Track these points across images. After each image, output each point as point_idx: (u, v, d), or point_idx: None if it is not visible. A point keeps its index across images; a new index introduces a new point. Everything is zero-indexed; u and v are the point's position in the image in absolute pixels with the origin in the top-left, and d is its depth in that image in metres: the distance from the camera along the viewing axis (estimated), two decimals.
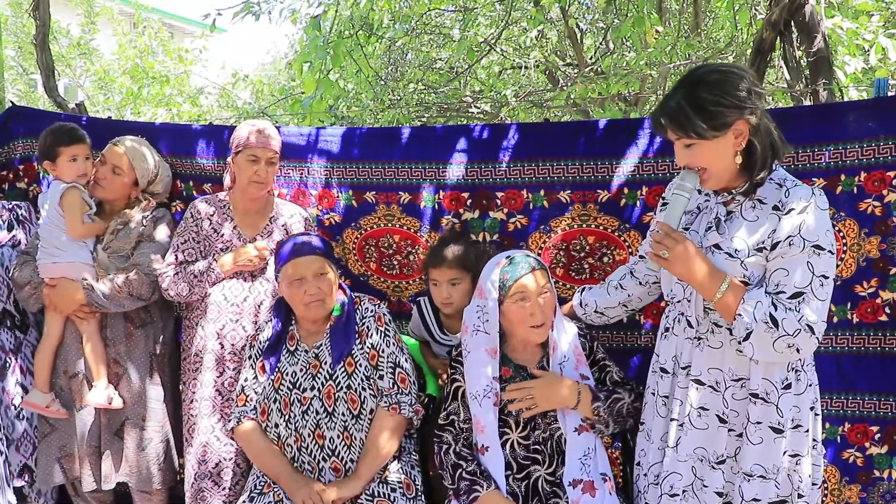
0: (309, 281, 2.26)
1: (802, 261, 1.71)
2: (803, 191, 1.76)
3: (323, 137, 2.81)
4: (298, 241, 2.33)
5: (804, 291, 1.70)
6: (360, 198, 2.81)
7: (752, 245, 1.78)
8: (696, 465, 1.92)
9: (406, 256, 2.82)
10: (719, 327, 1.87)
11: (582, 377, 2.19)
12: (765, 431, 1.83)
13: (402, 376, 2.32)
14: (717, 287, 1.75)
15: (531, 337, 2.15)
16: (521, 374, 2.20)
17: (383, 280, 2.89)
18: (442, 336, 2.63)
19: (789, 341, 1.70)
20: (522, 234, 2.70)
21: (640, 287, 2.30)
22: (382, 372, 2.30)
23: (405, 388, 2.30)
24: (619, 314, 2.38)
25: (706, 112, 1.71)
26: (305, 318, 2.34)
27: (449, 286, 2.49)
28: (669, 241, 1.77)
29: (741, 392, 1.86)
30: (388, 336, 2.34)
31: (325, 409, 2.26)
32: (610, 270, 2.65)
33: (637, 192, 2.58)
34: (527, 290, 2.09)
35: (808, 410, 1.86)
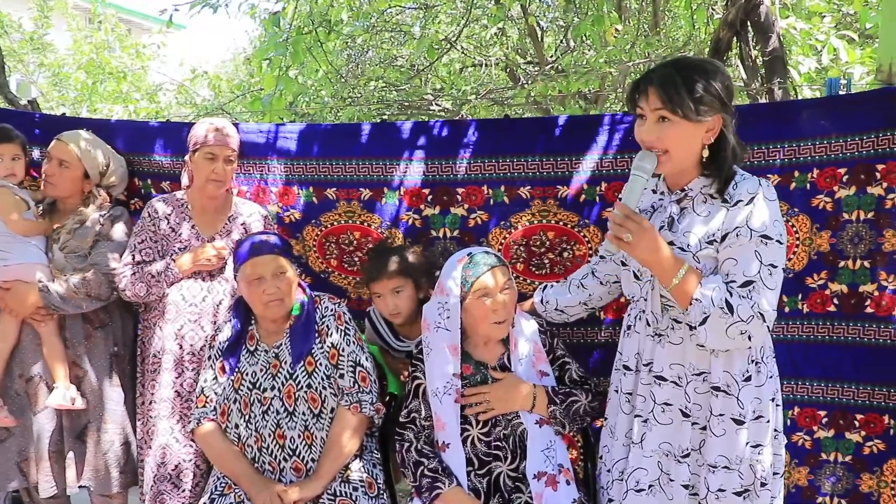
0: (268, 280, 2.24)
1: (751, 250, 1.72)
2: (750, 183, 1.78)
3: (283, 134, 2.78)
4: (256, 240, 2.31)
5: (754, 280, 1.71)
6: (320, 195, 2.78)
7: (703, 238, 1.79)
8: (662, 459, 1.93)
9: (366, 254, 2.79)
10: (679, 323, 1.88)
11: (541, 374, 2.20)
12: (727, 423, 1.84)
13: (362, 375, 2.30)
14: (676, 272, 1.75)
15: (493, 333, 2.15)
16: (481, 371, 2.20)
17: (344, 277, 2.86)
18: (398, 343, 2.63)
19: (742, 328, 1.70)
20: (483, 230, 2.69)
21: (601, 286, 2.30)
22: (343, 371, 2.29)
23: (365, 386, 2.29)
24: (579, 313, 2.39)
25: (695, 93, 1.71)
26: (264, 317, 2.31)
27: (393, 296, 2.49)
28: (632, 224, 1.73)
29: (703, 386, 1.87)
30: (348, 335, 2.33)
31: (286, 408, 2.25)
32: (570, 265, 2.67)
33: (596, 188, 2.59)
34: (489, 287, 2.09)
35: (769, 402, 1.87)
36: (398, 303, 2.48)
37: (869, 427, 2.50)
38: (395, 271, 2.47)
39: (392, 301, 2.48)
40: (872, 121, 2.30)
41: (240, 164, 2.76)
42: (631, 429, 1.99)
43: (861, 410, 2.50)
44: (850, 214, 2.40)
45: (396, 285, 2.48)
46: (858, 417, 2.51)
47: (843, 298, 2.47)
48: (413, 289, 2.51)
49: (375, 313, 2.65)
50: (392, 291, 2.48)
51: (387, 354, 2.67)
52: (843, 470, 2.55)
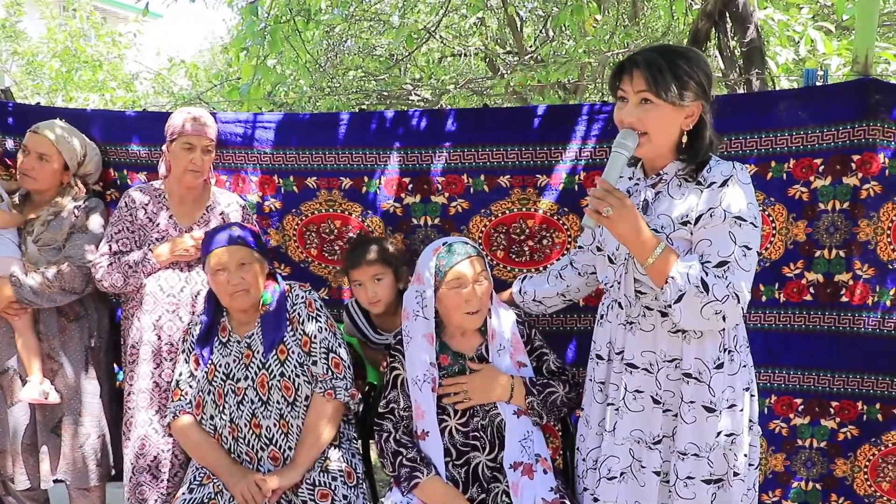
0: (231, 271, 2.24)
1: (724, 231, 1.72)
2: (724, 166, 1.78)
3: (261, 124, 2.75)
4: (220, 231, 2.30)
5: (728, 261, 1.70)
6: (300, 184, 2.76)
7: (676, 220, 1.78)
8: (634, 447, 1.92)
9: (347, 242, 2.78)
10: (650, 311, 1.88)
11: (519, 364, 2.20)
12: (698, 411, 1.84)
13: (335, 361, 2.30)
14: (653, 249, 1.73)
15: (466, 323, 2.15)
16: (459, 362, 2.20)
17: (324, 266, 2.85)
18: (376, 336, 2.63)
19: (717, 307, 1.69)
20: (463, 218, 2.70)
21: (579, 277, 2.30)
22: (315, 358, 2.28)
23: (339, 372, 2.29)
24: (556, 304, 2.38)
25: (680, 78, 1.71)
26: (231, 308, 2.31)
27: (373, 283, 2.48)
28: (613, 199, 1.71)
29: (675, 373, 1.87)
30: (320, 321, 2.31)
31: (260, 398, 2.24)
32: (549, 253, 2.67)
33: (575, 176, 2.59)
34: (463, 277, 2.09)
35: (742, 391, 1.87)
36: (378, 290, 2.47)
37: (843, 413, 2.53)
38: (375, 259, 2.47)
39: (372, 289, 2.47)
40: (848, 111, 2.31)
41: (218, 154, 2.73)
42: (604, 418, 1.99)
43: (836, 398, 2.53)
44: (826, 204, 2.41)
45: (376, 273, 2.47)
46: (833, 405, 2.54)
47: (819, 288, 2.48)
48: (393, 277, 2.50)
49: (353, 306, 2.64)
50: (372, 279, 2.47)
51: (365, 346, 2.67)
52: (818, 455, 2.58)
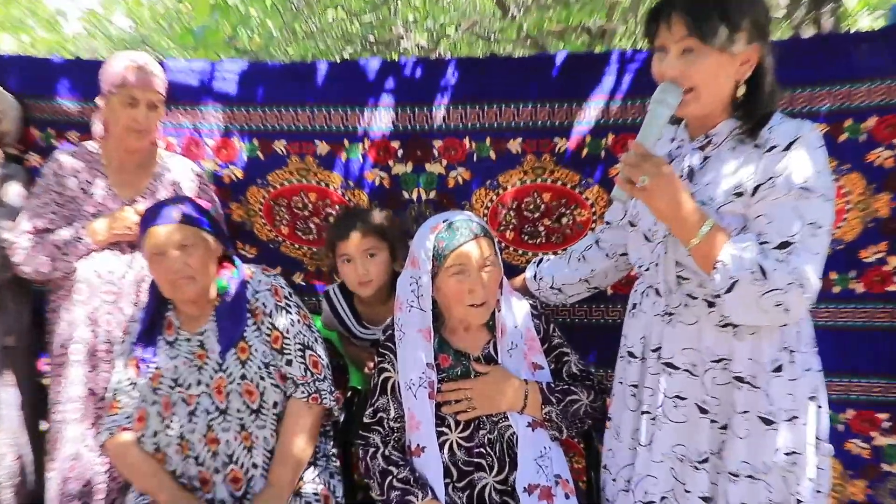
0: (171, 254, 2.21)
1: (788, 206, 1.68)
2: (790, 125, 1.74)
3: (220, 74, 2.75)
4: (158, 206, 2.27)
5: (792, 241, 1.66)
6: (267, 148, 2.78)
7: (728, 190, 1.76)
8: (675, 465, 1.90)
9: (325, 219, 2.81)
10: (694, 299, 1.87)
11: (535, 367, 2.20)
12: (752, 423, 1.81)
13: (313, 359, 2.31)
14: (699, 227, 1.70)
15: (470, 317, 2.14)
16: (461, 362, 2.19)
17: (297, 247, 2.88)
18: (361, 329, 2.65)
19: (779, 298, 1.64)
20: (465, 192, 2.71)
21: (607, 260, 2.31)
22: (290, 356, 2.28)
23: (318, 372, 2.30)
24: (579, 292, 2.38)
25: (729, 18, 1.67)
26: (175, 299, 2.30)
27: (365, 259, 2.50)
28: (649, 165, 1.69)
29: (723, 375, 1.85)
30: (290, 312, 2.31)
31: (217, 406, 2.23)
32: (570, 234, 2.70)
33: (602, 140, 2.58)
34: (466, 261, 2.08)
35: (806, 400, 1.83)
36: (370, 268, 2.50)
37: None
38: (369, 230, 2.50)
39: (363, 265, 2.50)
40: None
41: (167, 111, 2.73)
42: (638, 429, 1.97)
43: None
44: None
45: (370, 247, 2.50)
46: None
47: None
48: (388, 255, 2.53)
49: (335, 292, 2.67)
50: (364, 254, 2.50)
51: (347, 343, 2.69)
52: None
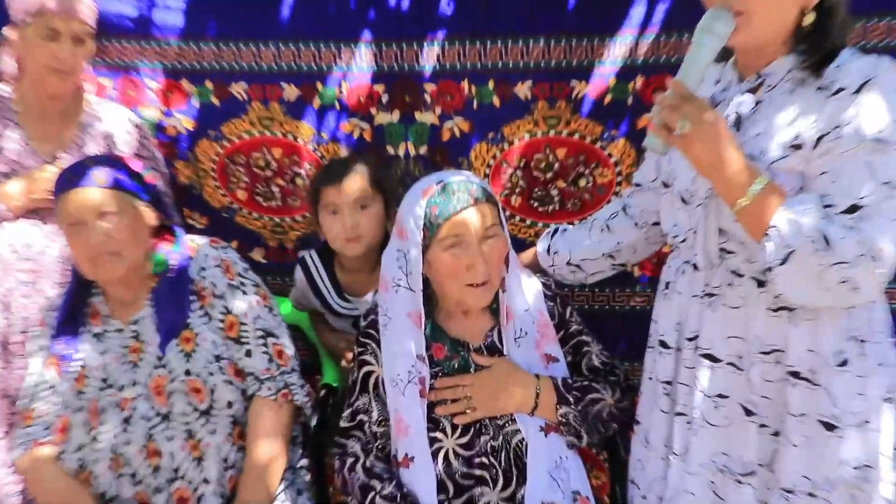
0: (91, 225, 2.16)
1: (858, 161, 1.64)
2: (863, 63, 1.69)
3: (164, 2, 2.72)
4: (79, 165, 2.23)
5: (863, 204, 1.62)
6: (222, 93, 2.77)
7: (784, 143, 1.72)
8: (716, 478, 1.89)
9: (292, 180, 2.82)
10: (740, 277, 1.85)
11: (548, 359, 2.19)
12: (811, 428, 1.78)
13: (277, 348, 2.29)
14: (748, 184, 1.67)
15: (469, 299, 2.11)
16: (459, 354, 2.18)
17: (258, 217, 2.89)
18: (341, 303, 2.64)
19: (845, 273, 1.61)
20: (463, 146, 2.71)
21: (636, 230, 2.29)
22: (249, 346, 2.26)
23: (285, 364, 2.30)
24: (601, 269, 2.38)
25: None
26: (98, 279, 2.26)
27: (355, 211, 2.51)
28: (690, 108, 1.65)
29: (776, 370, 1.82)
30: (246, 292, 2.29)
31: (157, 411, 2.20)
32: (590, 199, 2.70)
33: (629, 84, 2.57)
34: (464, 231, 2.04)
35: (880, 402, 1.78)
36: (362, 222, 2.51)
37: None
38: (363, 176, 2.52)
39: (353, 218, 2.50)
40: None
41: (98, 47, 2.70)
42: (671, 434, 1.97)
43: None
44: None
45: (362, 197, 2.52)
46: None
47: None
48: (382, 210, 2.56)
49: (313, 257, 2.69)
50: (354, 205, 2.51)
51: (322, 327, 2.71)
52: None
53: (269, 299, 2.36)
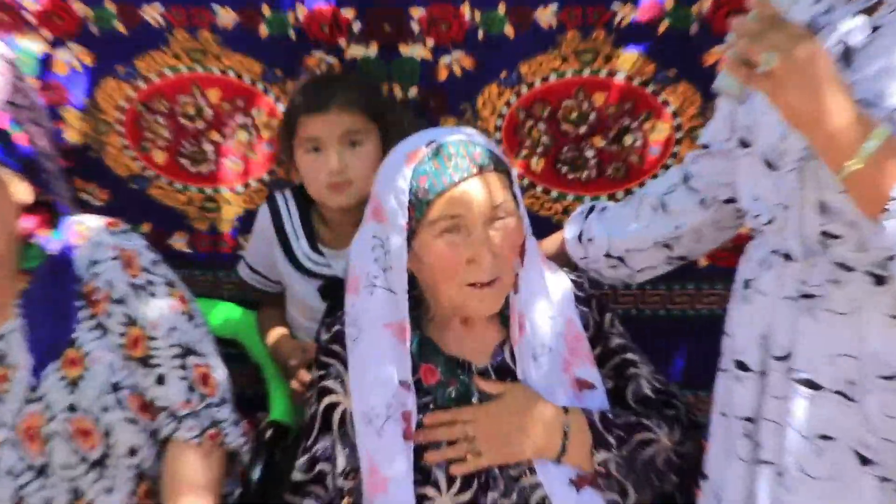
0: None
1: None
2: None
3: None
4: None
5: None
6: (132, 18, 2.75)
7: None
8: None
9: (232, 135, 2.83)
10: (849, 271, 1.83)
11: (580, 384, 2.17)
12: None
13: (201, 372, 2.25)
14: (861, 140, 1.63)
15: (471, 304, 2.09)
16: (458, 378, 2.16)
17: (182, 188, 2.91)
18: (311, 255, 2.70)
19: None
20: (465, 90, 2.73)
21: (701, 209, 2.29)
22: (161, 369, 2.21)
23: (212, 393, 2.26)
24: (653, 263, 2.40)
25: None
26: None
27: (343, 148, 2.55)
28: (780, 35, 1.63)
29: None
30: (155, 294, 2.25)
31: (28, 462, 2.16)
32: (637, 163, 2.74)
33: (692, 6, 2.57)
34: (464, 211, 2.02)
35: None
36: (353, 163, 2.56)
37: None
38: (354, 101, 2.55)
39: (341, 157, 2.55)
40: None
41: None
42: (754, 490, 1.94)
43: None
44: None
45: (353, 128, 2.56)
46: None
47: None
48: (379, 149, 2.58)
49: (286, 195, 2.78)
50: (343, 139, 2.56)
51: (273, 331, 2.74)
52: None
53: (190, 303, 2.33)
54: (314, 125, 2.54)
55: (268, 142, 2.82)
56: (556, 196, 2.78)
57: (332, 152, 2.53)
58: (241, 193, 2.88)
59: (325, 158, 2.54)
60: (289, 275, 2.73)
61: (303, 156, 2.58)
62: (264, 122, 2.80)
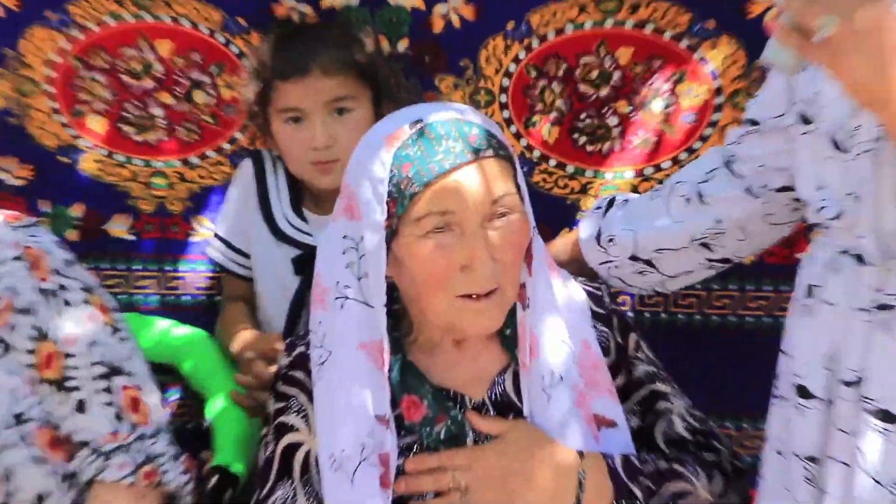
0: None
1: None
2: None
3: None
4: None
5: None
6: None
7: None
8: None
9: (186, 96, 2.81)
10: None
11: (598, 421, 2.04)
12: None
13: (131, 396, 2.18)
14: None
15: (466, 321, 1.96)
16: (449, 413, 2.04)
17: (124, 160, 2.86)
18: (293, 219, 2.69)
19: None
20: (466, 44, 2.71)
21: (748, 199, 2.21)
22: (81, 394, 2.13)
23: (144, 421, 2.18)
24: (689, 267, 2.35)
25: None
26: None
27: (330, 118, 2.53)
28: None
29: None
30: (70, 301, 2.17)
31: None
32: (668, 134, 2.72)
33: None
34: (456, 206, 1.89)
35: None
36: (340, 135, 2.52)
37: None
38: (340, 62, 2.53)
39: (326, 129, 2.53)
40: None
41: None
42: None
43: None
44: None
45: (340, 94, 2.54)
46: None
47: None
48: (371, 111, 2.58)
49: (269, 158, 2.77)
50: (328, 107, 2.53)
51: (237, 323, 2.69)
52: None
53: (112, 312, 2.25)
54: (293, 93, 2.50)
55: (229, 103, 2.76)
56: (571, 172, 2.72)
57: (316, 124, 2.50)
58: (196, 167, 2.85)
59: (307, 131, 2.51)
60: (261, 242, 2.69)
61: (280, 127, 2.56)
62: (225, 82, 2.77)
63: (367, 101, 2.55)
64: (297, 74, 2.49)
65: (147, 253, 2.88)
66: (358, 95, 2.53)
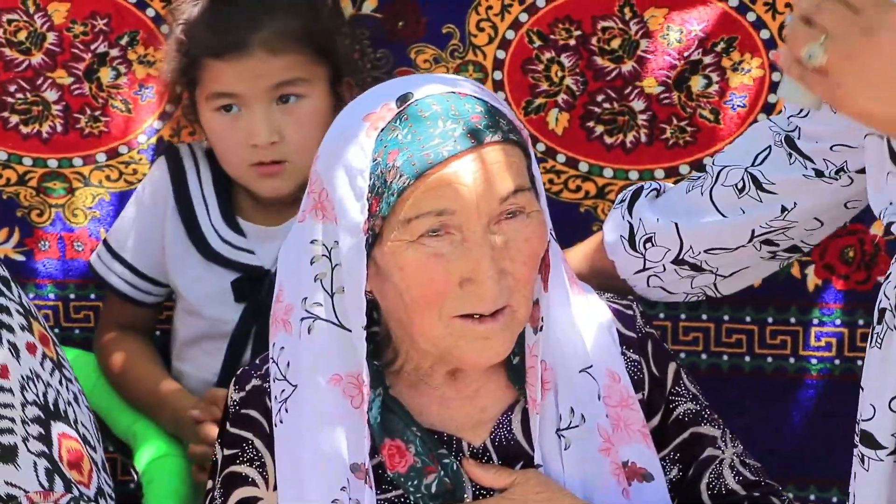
0: None
1: None
2: None
3: None
4: None
5: None
6: None
7: None
8: None
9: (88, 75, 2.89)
10: None
11: (629, 474, 2.15)
12: None
13: (71, 447, 2.25)
14: None
15: (466, 347, 2.03)
16: (441, 461, 2.11)
17: (8, 158, 2.97)
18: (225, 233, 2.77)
19: None
20: (450, 4, 2.82)
21: (817, 185, 2.27)
22: (8, 437, 2.17)
23: (85, 482, 2.26)
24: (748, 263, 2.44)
25: None
26: None
27: (274, 107, 2.65)
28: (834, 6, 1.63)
29: None
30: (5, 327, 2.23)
31: None
32: (712, 121, 2.79)
33: None
34: (454, 204, 1.96)
35: None
36: (288, 129, 2.66)
37: None
38: (289, 35, 2.64)
39: (268, 121, 2.64)
40: None
41: None
42: None
43: None
44: None
45: (287, 78, 2.65)
46: None
47: None
48: (328, 95, 2.72)
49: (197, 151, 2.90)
50: (272, 94, 2.65)
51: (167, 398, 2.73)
52: None
53: (54, 345, 2.34)
54: (228, 75, 2.58)
55: (144, 83, 2.80)
56: (585, 170, 2.79)
57: (257, 113, 2.58)
58: (104, 167, 2.84)
59: (245, 123, 2.59)
60: (186, 265, 2.70)
61: (211, 116, 2.64)
62: (139, 55, 2.77)
63: (323, 83, 2.63)
64: (234, 51, 2.56)
65: (42, 278, 2.88)
66: (311, 78, 2.62)
